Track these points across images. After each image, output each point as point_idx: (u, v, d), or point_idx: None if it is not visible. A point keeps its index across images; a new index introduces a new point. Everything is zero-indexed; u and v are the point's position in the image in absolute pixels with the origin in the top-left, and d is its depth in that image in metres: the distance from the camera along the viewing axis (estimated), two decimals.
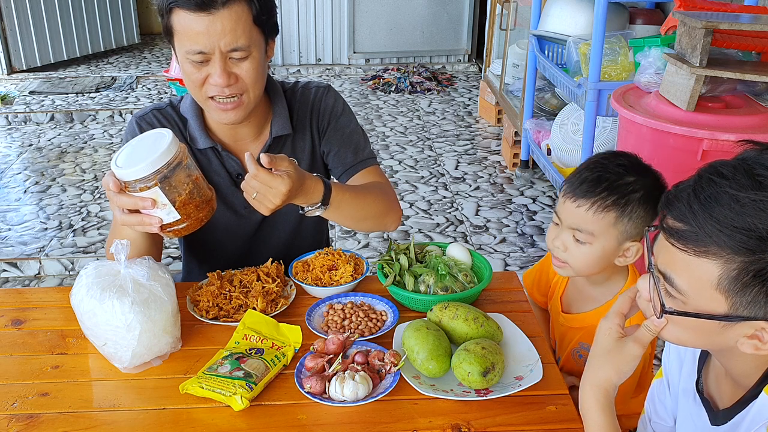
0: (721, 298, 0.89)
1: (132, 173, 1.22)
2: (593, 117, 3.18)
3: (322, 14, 6.85)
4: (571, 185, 1.40)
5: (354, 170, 1.65)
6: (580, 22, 3.67)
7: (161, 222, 1.26)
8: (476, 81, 6.65)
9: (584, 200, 1.37)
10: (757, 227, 0.84)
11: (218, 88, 1.43)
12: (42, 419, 1.19)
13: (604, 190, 1.36)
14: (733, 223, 0.85)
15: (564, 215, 1.41)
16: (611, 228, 1.36)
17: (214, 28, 1.37)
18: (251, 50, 1.43)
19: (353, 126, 1.68)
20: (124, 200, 1.26)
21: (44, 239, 3.62)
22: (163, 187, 1.22)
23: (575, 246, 1.40)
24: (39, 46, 6.75)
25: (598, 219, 1.36)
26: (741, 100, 2.41)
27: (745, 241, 0.85)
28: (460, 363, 1.22)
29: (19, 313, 1.51)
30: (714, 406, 1.06)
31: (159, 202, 1.24)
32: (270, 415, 1.20)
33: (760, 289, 0.86)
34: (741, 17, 2.37)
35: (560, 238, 1.42)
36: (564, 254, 1.42)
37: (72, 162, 4.71)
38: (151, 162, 1.21)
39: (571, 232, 1.40)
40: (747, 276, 0.86)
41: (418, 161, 4.71)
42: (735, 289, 0.87)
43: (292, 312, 1.47)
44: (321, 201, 1.39)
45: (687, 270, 0.90)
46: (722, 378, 1.05)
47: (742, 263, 0.86)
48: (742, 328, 0.90)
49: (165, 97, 6.07)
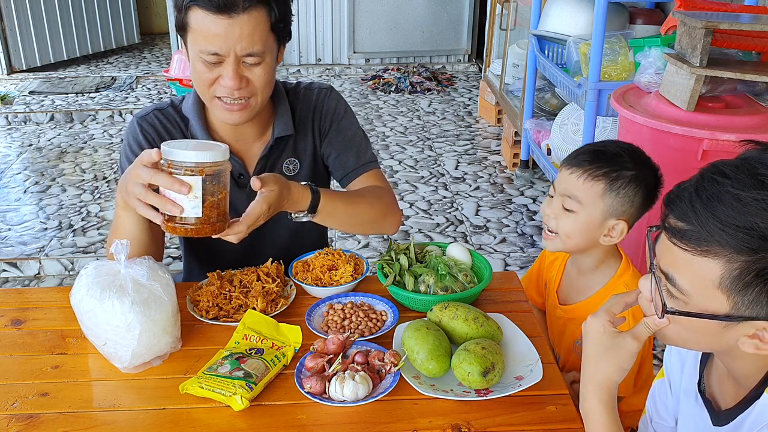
0: (723, 297, 0.88)
1: (185, 155, 1.22)
2: (593, 117, 3.18)
3: (322, 14, 6.85)
4: (570, 156, 1.50)
5: (355, 174, 1.65)
6: (580, 22, 3.67)
7: (182, 212, 1.25)
8: (476, 81, 6.65)
9: (577, 168, 1.46)
10: (760, 226, 0.84)
11: (228, 90, 1.43)
12: (42, 419, 1.19)
13: (598, 160, 1.45)
14: (735, 222, 0.85)
15: (558, 183, 1.51)
16: (598, 199, 1.43)
17: (232, 32, 1.37)
18: (265, 56, 1.43)
19: (355, 129, 1.68)
20: (162, 178, 1.23)
21: (44, 239, 3.62)
22: (205, 180, 1.23)
23: (563, 214, 1.48)
24: (39, 46, 6.75)
25: (587, 187, 1.44)
26: (741, 100, 2.41)
27: (748, 240, 0.85)
28: (460, 363, 1.22)
29: (19, 313, 1.51)
30: (716, 407, 1.06)
31: (193, 193, 1.24)
32: (270, 415, 1.19)
33: (762, 289, 0.86)
34: (741, 17, 2.37)
35: (551, 206, 1.51)
36: (553, 222, 1.50)
37: (72, 162, 4.71)
38: (206, 154, 1.23)
39: (561, 200, 1.48)
40: (749, 275, 0.86)
41: (418, 161, 4.71)
42: (737, 288, 0.87)
43: (292, 312, 1.47)
44: (308, 209, 1.42)
45: (689, 269, 0.90)
46: (724, 378, 1.05)
47: (744, 262, 0.86)
48: (744, 328, 0.90)
49: (165, 96, 6.08)
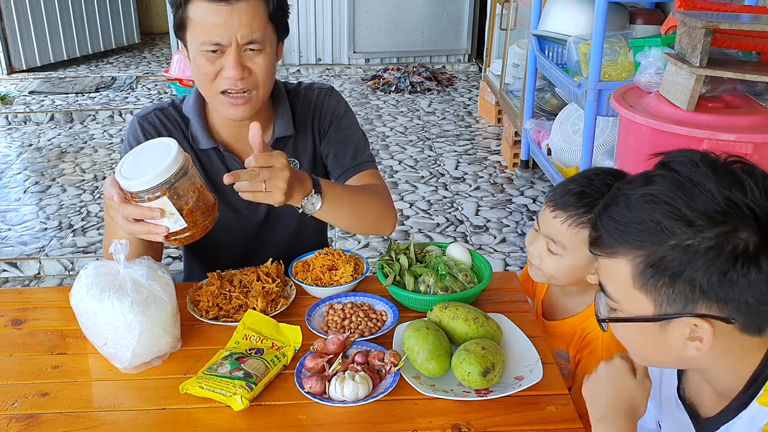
0: (643, 297, 0.91)
1: (140, 184, 1.21)
2: (593, 117, 3.18)
3: (322, 14, 6.85)
4: (554, 194, 1.42)
5: (351, 172, 1.64)
6: (580, 22, 3.67)
7: (168, 231, 1.26)
8: (476, 81, 6.65)
9: (562, 212, 1.38)
10: (645, 220, 0.87)
11: (231, 81, 1.43)
12: (42, 419, 1.19)
13: (584, 206, 1.36)
14: (625, 219, 0.89)
15: (542, 222, 1.43)
16: (583, 245, 1.31)
17: (232, 21, 1.39)
18: (265, 45, 1.44)
19: (354, 129, 1.68)
20: (131, 210, 1.24)
21: (44, 239, 3.62)
22: (171, 196, 1.22)
23: (548, 256, 1.42)
24: (39, 46, 6.75)
25: (571, 233, 1.37)
26: (741, 100, 2.41)
27: (638, 235, 0.88)
28: (460, 363, 1.22)
29: (19, 313, 1.51)
30: (696, 413, 1.07)
31: (167, 212, 1.24)
32: (270, 415, 1.19)
33: (666, 281, 0.88)
34: (741, 17, 2.37)
35: (535, 245, 1.44)
36: (537, 261, 1.44)
37: (72, 162, 4.71)
38: (159, 172, 1.21)
39: (545, 241, 1.42)
40: (649, 269, 0.88)
41: (418, 161, 4.71)
42: (648, 285, 0.89)
43: (292, 312, 1.47)
44: (313, 188, 1.37)
45: (608, 275, 0.95)
46: (702, 385, 1.05)
47: (642, 257, 0.88)
48: (679, 328, 0.90)
49: (165, 96, 6.08)
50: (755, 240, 0.84)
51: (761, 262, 0.84)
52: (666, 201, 0.86)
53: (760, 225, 0.84)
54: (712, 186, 0.85)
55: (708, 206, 0.84)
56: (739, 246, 0.83)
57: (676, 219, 0.85)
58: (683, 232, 0.85)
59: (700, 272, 0.85)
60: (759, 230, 0.84)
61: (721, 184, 0.85)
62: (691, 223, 0.84)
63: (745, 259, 0.83)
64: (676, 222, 0.85)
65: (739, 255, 0.83)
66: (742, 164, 0.88)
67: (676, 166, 0.89)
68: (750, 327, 0.89)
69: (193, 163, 1.29)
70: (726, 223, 0.84)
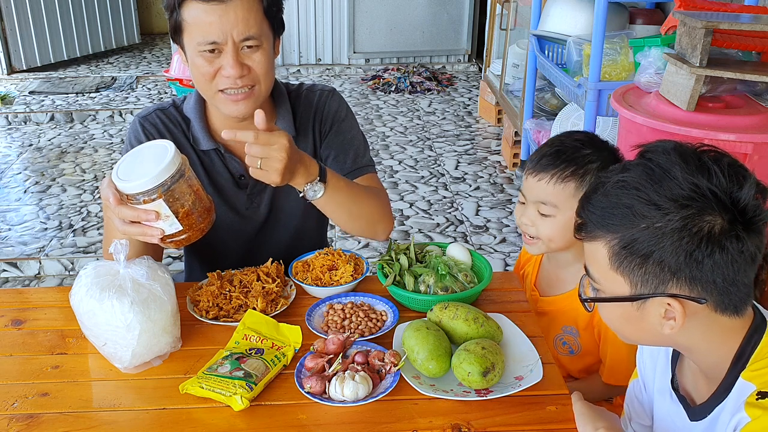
0: (620, 278, 0.96)
1: (135, 186, 1.21)
2: (593, 117, 3.18)
3: (322, 14, 6.85)
4: (532, 162, 1.50)
5: (351, 176, 1.64)
6: (580, 22, 3.67)
7: (163, 233, 1.26)
8: (476, 81, 6.65)
9: (544, 173, 1.46)
10: (618, 205, 0.94)
11: (230, 79, 1.43)
12: (42, 419, 1.19)
13: (563, 162, 1.45)
14: (601, 204, 0.96)
15: (528, 191, 1.51)
16: (572, 198, 1.44)
17: (227, 18, 1.39)
18: (262, 41, 1.45)
19: (354, 132, 1.68)
20: (127, 212, 1.25)
21: (44, 239, 3.62)
22: (166, 199, 1.22)
23: (541, 220, 1.48)
24: (39, 46, 6.75)
25: (558, 190, 1.44)
26: (741, 100, 2.41)
27: (612, 219, 0.94)
28: (460, 363, 1.22)
29: (19, 313, 1.51)
30: (691, 402, 1.08)
31: (162, 214, 1.24)
32: (270, 415, 1.19)
33: (638, 262, 0.93)
34: (741, 17, 2.37)
35: (526, 215, 1.51)
36: (532, 229, 1.50)
37: (72, 162, 4.71)
38: (155, 175, 1.21)
39: (535, 207, 1.49)
40: (623, 250, 0.94)
41: (418, 161, 4.71)
42: (623, 266, 0.95)
43: (292, 312, 1.47)
44: (318, 175, 1.37)
45: (590, 257, 1.00)
46: (696, 374, 1.07)
47: (617, 239, 0.94)
48: (654, 308, 0.95)
49: (165, 96, 6.08)
50: (720, 223, 0.89)
51: (724, 244, 0.89)
52: (636, 187, 0.93)
53: (725, 209, 0.89)
54: (679, 172, 0.91)
55: (675, 191, 0.90)
56: (704, 228, 0.89)
57: (646, 203, 0.91)
58: (652, 215, 0.91)
59: (667, 252, 0.90)
60: (724, 214, 0.89)
61: (688, 170, 0.91)
62: (659, 207, 0.90)
63: (709, 241, 0.89)
64: (646, 206, 0.91)
65: (703, 236, 0.89)
66: (714, 153, 0.93)
67: (650, 155, 0.95)
68: (725, 307, 0.94)
69: (190, 166, 1.29)
70: (690, 206, 0.89)
